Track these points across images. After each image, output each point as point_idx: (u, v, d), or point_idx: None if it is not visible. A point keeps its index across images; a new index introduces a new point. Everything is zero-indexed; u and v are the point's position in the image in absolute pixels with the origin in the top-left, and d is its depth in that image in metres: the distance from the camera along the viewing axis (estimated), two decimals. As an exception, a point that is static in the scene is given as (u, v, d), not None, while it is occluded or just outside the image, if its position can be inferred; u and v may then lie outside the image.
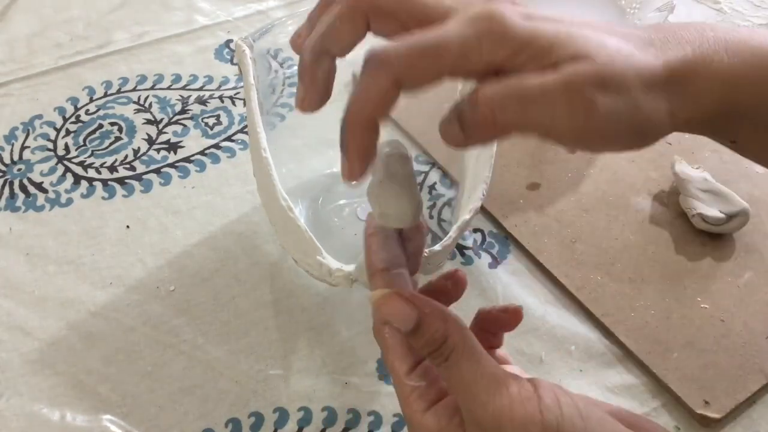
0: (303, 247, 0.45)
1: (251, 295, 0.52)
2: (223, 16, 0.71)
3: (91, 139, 0.61)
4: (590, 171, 0.58)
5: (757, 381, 0.46)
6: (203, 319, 0.50)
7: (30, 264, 0.54)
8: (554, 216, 0.55)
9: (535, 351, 0.49)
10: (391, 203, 0.38)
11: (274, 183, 0.45)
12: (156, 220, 0.56)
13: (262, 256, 0.54)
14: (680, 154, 0.58)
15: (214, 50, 0.68)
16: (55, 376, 0.48)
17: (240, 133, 0.61)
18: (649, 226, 0.54)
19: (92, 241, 0.55)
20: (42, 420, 0.46)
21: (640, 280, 0.51)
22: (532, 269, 0.53)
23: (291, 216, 0.45)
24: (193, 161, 0.60)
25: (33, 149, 0.61)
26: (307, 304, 0.51)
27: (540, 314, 0.50)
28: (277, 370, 0.48)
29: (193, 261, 0.53)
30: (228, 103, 0.64)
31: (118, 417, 0.46)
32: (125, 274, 0.53)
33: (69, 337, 0.50)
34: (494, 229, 0.55)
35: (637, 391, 0.47)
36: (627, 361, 0.48)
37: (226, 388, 0.47)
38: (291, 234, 0.45)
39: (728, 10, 0.70)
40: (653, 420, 0.44)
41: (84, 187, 0.58)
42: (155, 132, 0.62)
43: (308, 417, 0.46)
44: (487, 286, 0.52)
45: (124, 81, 0.66)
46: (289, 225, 0.45)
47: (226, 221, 0.56)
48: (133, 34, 0.69)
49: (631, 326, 0.49)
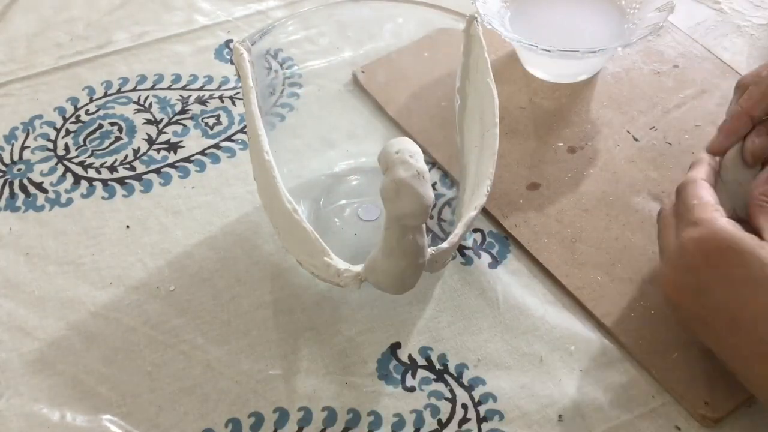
0: (309, 248, 0.45)
1: (251, 295, 0.52)
2: (223, 16, 0.71)
3: (91, 139, 0.61)
4: (590, 171, 0.58)
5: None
6: (203, 319, 0.50)
7: (30, 264, 0.54)
8: (554, 216, 0.55)
9: (535, 351, 0.49)
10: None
11: (278, 186, 0.45)
12: (156, 220, 0.56)
13: (262, 256, 0.54)
14: (680, 154, 0.58)
15: (214, 50, 0.68)
16: (55, 376, 0.48)
17: (240, 133, 0.61)
18: (649, 226, 0.54)
19: (92, 241, 0.55)
20: (42, 420, 0.46)
21: (640, 280, 0.51)
22: (532, 269, 0.53)
23: (296, 218, 0.44)
24: (193, 161, 0.60)
25: (33, 149, 0.61)
26: (307, 304, 0.51)
27: (540, 314, 0.50)
28: (277, 370, 0.48)
29: (193, 261, 0.53)
30: (228, 103, 0.64)
31: (118, 417, 0.46)
32: (125, 274, 0.53)
33: (69, 337, 0.50)
34: (494, 229, 0.55)
35: (637, 391, 0.47)
36: (627, 361, 0.48)
37: (226, 388, 0.47)
38: (296, 236, 0.45)
39: (728, 10, 0.70)
40: (653, 420, 0.44)
41: (84, 187, 0.58)
42: (155, 132, 0.62)
43: (308, 417, 0.46)
44: (487, 286, 0.52)
45: (124, 81, 0.66)
46: (294, 227, 0.45)
47: (226, 221, 0.56)
48: (133, 34, 0.69)
49: (631, 326, 0.49)
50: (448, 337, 0.49)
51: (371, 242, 0.53)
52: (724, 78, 0.64)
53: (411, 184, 0.39)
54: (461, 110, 0.54)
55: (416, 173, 0.39)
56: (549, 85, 0.64)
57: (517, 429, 0.45)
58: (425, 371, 0.48)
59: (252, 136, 0.47)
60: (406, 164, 0.39)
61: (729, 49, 0.67)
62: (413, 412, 0.46)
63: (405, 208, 0.39)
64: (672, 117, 0.61)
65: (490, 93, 0.51)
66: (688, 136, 0.60)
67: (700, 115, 0.61)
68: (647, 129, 0.60)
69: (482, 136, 0.50)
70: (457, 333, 0.49)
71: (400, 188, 0.39)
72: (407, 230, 0.42)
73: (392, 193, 0.39)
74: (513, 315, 0.50)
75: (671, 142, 0.59)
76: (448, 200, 0.57)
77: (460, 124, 0.54)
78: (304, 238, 0.45)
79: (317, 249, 0.44)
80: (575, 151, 0.59)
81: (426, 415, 0.46)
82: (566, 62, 0.61)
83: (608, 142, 0.60)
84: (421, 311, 0.50)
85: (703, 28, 0.69)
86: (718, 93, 0.63)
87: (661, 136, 0.60)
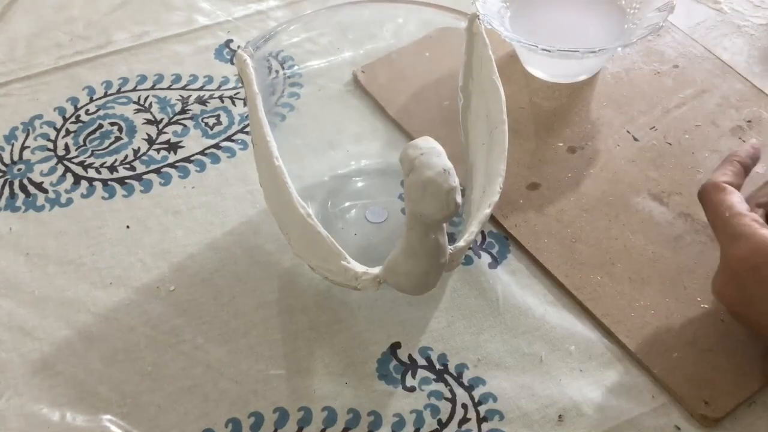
0: (323, 253, 0.45)
1: (251, 295, 0.52)
2: (223, 16, 0.71)
3: (91, 139, 0.61)
4: (590, 171, 0.58)
5: (757, 381, 0.46)
6: (203, 319, 0.50)
7: (30, 264, 0.54)
8: (554, 216, 0.55)
9: (535, 351, 0.49)
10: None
11: (290, 191, 0.45)
12: (156, 220, 0.56)
13: (262, 256, 0.54)
14: (680, 154, 0.58)
15: (214, 50, 0.68)
16: (55, 376, 0.48)
17: (240, 133, 0.61)
18: (649, 226, 0.54)
19: (92, 241, 0.55)
20: (42, 420, 0.46)
21: (640, 280, 0.51)
22: (532, 269, 0.53)
23: (310, 222, 0.44)
24: (193, 161, 0.60)
25: (33, 149, 0.61)
26: (307, 304, 0.51)
27: (540, 314, 0.50)
28: (277, 370, 0.48)
29: (193, 261, 0.53)
30: (228, 103, 0.64)
31: (118, 417, 0.46)
32: (125, 274, 0.53)
33: (69, 337, 0.50)
34: (494, 229, 0.55)
35: (637, 391, 0.47)
36: (627, 361, 0.48)
37: (226, 388, 0.47)
38: (309, 241, 0.45)
39: (728, 10, 0.70)
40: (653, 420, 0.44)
41: (84, 187, 0.58)
42: (155, 132, 0.62)
43: (308, 417, 0.46)
44: (487, 286, 0.52)
45: (124, 81, 0.66)
46: (308, 232, 0.45)
47: (226, 221, 0.56)
48: (133, 34, 0.69)
49: (631, 326, 0.49)
50: (448, 337, 0.49)
51: (371, 243, 0.53)
52: (724, 78, 0.64)
53: (438, 181, 0.39)
54: (465, 109, 0.54)
55: (442, 170, 0.39)
56: (549, 85, 0.64)
57: (517, 429, 0.45)
58: (425, 371, 0.48)
59: (260, 142, 0.47)
60: (432, 163, 0.40)
61: (729, 49, 0.67)
62: (413, 412, 0.46)
63: (432, 207, 0.40)
64: (672, 117, 0.61)
65: (497, 90, 0.51)
66: (688, 136, 0.60)
67: (700, 115, 0.61)
68: (647, 129, 0.60)
69: (490, 134, 0.50)
70: (457, 333, 0.49)
71: (427, 186, 0.39)
72: (430, 230, 0.42)
73: (419, 193, 0.40)
74: (513, 315, 0.50)
75: (671, 142, 0.59)
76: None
77: (464, 122, 0.54)
78: (318, 243, 0.44)
79: (333, 253, 0.44)
80: (575, 151, 0.59)
81: (426, 415, 0.46)
82: (566, 62, 0.61)
83: (608, 142, 0.60)
84: (421, 311, 0.50)
85: (703, 28, 0.69)
86: (718, 93, 0.63)
87: (661, 136, 0.60)
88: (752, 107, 0.62)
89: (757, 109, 0.61)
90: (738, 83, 0.63)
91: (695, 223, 0.54)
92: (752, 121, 0.61)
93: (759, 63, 0.65)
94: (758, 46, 0.67)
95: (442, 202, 0.39)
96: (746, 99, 0.62)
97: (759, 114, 0.61)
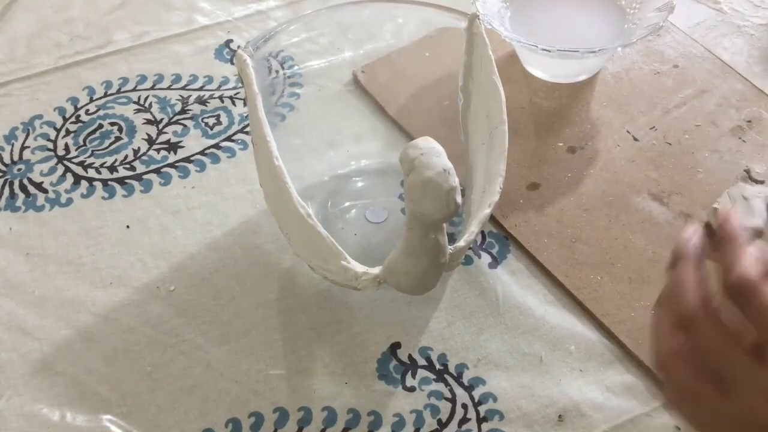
0: (324, 253, 0.45)
1: (251, 295, 0.52)
2: (223, 16, 0.71)
3: (91, 139, 0.61)
4: (590, 171, 0.58)
5: (757, 381, 0.46)
6: (203, 319, 0.50)
7: (30, 264, 0.54)
8: (554, 216, 0.55)
9: (535, 351, 0.49)
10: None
11: (290, 191, 0.45)
12: (156, 220, 0.56)
13: (262, 256, 0.54)
14: (680, 155, 0.58)
15: (214, 50, 0.68)
16: (55, 376, 0.48)
17: (240, 133, 0.61)
18: (649, 226, 0.54)
19: (92, 241, 0.55)
20: (42, 420, 0.46)
21: (640, 280, 0.51)
22: (532, 269, 0.53)
23: (310, 222, 0.44)
24: (193, 161, 0.60)
25: (33, 149, 0.61)
26: (307, 304, 0.51)
27: (540, 314, 0.50)
28: (277, 370, 0.48)
29: (193, 261, 0.53)
30: (228, 103, 0.64)
31: (118, 417, 0.46)
32: (125, 274, 0.53)
33: (69, 337, 0.50)
34: (494, 229, 0.55)
35: (637, 391, 0.47)
36: (627, 361, 0.48)
37: (226, 388, 0.47)
38: (309, 241, 0.45)
39: (728, 10, 0.70)
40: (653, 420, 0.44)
41: (84, 187, 0.58)
42: (155, 132, 0.62)
43: (308, 417, 0.46)
44: (487, 286, 0.52)
45: (124, 81, 0.66)
46: (308, 232, 0.45)
47: (226, 221, 0.56)
48: (133, 34, 0.69)
49: (631, 326, 0.49)
50: (447, 337, 0.49)
51: (371, 243, 0.53)
52: (724, 78, 0.64)
53: (438, 181, 0.39)
54: (465, 109, 0.54)
55: (442, 170, 0.40)
56: (549, 85, 0.64)
57: (517, 429, 0.45)
58: (425, 371, 0.48)
59: (260, 142, 0.47)
60: (432, 163, 0.40)
61: (729, 49, 0.67)
62: (413, 412, 0.46)
63: (432, 207, 0.40)
64: (672, 117, 0.61)
65: (497, 90, 0.51)
66: (688, 136, 0.60)
67: (700, 115, 0.61)
68: (647, 129, 0.60)
69: (490, 134, 0.50)
70: (456, 333, 0.49)
71: (427, 186, 0.39)
72: (430, 230, 0.42)
73: (419, 193, 0.40)
74: (513, 315, 0.50)
75: (671, 142, 0.59)
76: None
77: (464, 122, 0.54)
78: (318, 243, 0.45)
79: (333, 253, 0.44)
80: (575, 151, 0.59)
81: (426, 415, 0.46)
82: (566, 62, 0.61)
83: (608, 142, 0.60)
84: (421, 311, 0.50)
85: (703, 28, 0.69)
86: (718, 93, 0.63)
87: (661, 136, 0.60)
88: (752, 107, 0.62)
89: (757, 109, 0.61)
90: (738, 83, 0.63)
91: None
92: (752, 121, 0.61)
93: (759, 63, 0.65)
94: (758, 46, 0.67)
95: (442, 202, 0.40)
96: (746, 99, 0.62)
97: (759, 114, 0.61)
